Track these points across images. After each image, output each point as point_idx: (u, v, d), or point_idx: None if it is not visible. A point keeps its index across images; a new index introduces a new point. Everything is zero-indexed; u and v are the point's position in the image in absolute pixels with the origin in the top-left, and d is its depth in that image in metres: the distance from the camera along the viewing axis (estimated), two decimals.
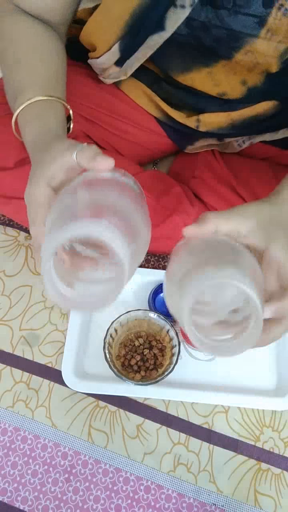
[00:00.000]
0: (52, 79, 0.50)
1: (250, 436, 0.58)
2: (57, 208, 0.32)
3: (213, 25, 0.46)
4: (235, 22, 0.45)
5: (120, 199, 0.32)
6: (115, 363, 0.56)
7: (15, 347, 0.63)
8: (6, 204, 0.59)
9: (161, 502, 0.55)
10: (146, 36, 0.49)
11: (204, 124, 0.62)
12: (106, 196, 0.31)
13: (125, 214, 0.30)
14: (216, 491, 0.55)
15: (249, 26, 0.45)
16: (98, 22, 0.53)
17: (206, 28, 0.47)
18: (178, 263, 0.34)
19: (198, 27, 0.47)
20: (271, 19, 0.43)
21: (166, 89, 0.61)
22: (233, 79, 0.54)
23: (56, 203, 0.33)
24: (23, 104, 0.46)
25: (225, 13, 0.45)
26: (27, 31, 0.51)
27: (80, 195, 0.32)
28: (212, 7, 0.45)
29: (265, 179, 0.68)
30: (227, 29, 0.46)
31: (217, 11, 0.45)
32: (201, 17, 0.46)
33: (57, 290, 0.29)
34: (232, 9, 0.44)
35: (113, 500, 0.55)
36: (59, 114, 0.47)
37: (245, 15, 0.44)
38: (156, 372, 0.57)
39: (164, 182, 0.67)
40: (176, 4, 0.45)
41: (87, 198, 0.31)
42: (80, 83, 0.63)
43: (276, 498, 0.55)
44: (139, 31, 0.49)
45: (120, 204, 0.31)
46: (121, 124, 0.66)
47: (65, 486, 0.55)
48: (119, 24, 0.50)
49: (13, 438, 0.58)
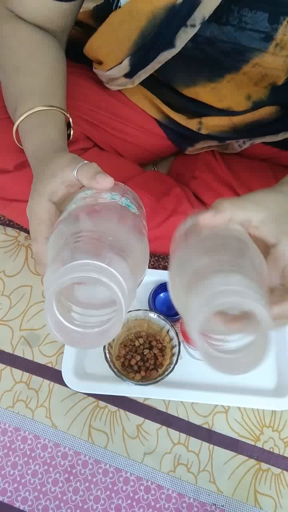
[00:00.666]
0: (51, 87, 0.50)
1: (250, 436, 0.58)
2: (57, 241, 0.31)
3: (219, 40, 0.46)
4: (242, 37, 0.45)
5: (120, 232, 0.31)
6: (115, 363, 0.56)
7: (15, 347, 0.63)
8: (6, 206, 0.59)
9: (161, 502, 0.55)
10: (158, 53, 0.49)
11: (206, 127, 0.63)
12: (106, 229, 0.31)
13: (125, 249, 0.30)
14: (216, 491, 0.55)
15: (256, 41, 0.45)
16: (105, 40, 0.53)
17: (211, 42, 0.47)
18: (183, 261, 0.33)
19: (203, 42, 0.47)
20: (280, 34, 0.44)
21: (168, 95, 0.62)
22: (238, 95, 0.55)
23: (57, 233, 0.32)
24: (23, 115, 0.46)
25: (231, 29, 0.45)
26: (26, 39, 0.51)
27: (80, 227, 0.31)
28: (218, 23, 0.45)
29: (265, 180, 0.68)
30: (234, 44, 0.46)
31: (223, 27, 0.45)
32: (206, 33, 0.46)
33: (60, 327, 0.29)
34: (237, 25, 0.44)
35: (113, 500, 0.55)
36: (59, 123, 0.47)
37: (251, 30, 0.44)
38: (156, 372, 0.57)
39: (164, 183, 0.67)
40: (187, 24, 0.45)
41: (87, 232, 0.30)
42: (81, 85, 0.64)
43: (276, 498, 0.55)
44: (151, 49, 0.49)
45: (120, 238, 0.31)
46: (121, 126, 0.67)
47: (65, 486, 0.55)
48: (128, 42, 0.50)
49: (13, 438, 0.58)
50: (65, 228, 0.32)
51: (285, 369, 0.61)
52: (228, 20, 0.44)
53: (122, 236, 0.31)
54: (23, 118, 0.46)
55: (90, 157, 0.64)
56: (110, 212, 0.33)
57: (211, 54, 0.49)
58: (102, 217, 0.33)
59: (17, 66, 0.50)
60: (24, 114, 0.46)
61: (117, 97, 0.65)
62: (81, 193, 0.36)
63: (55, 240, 0.32)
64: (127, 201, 0.35)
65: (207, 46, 0.48)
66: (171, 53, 0.49)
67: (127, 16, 0.47)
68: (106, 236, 0.30)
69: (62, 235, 0.32)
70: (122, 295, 0.27)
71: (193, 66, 0.53)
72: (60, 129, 0.47)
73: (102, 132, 0.66)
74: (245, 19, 0.44)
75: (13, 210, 0.60)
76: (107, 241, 0.30)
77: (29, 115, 0.46)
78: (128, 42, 0.50)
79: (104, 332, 0.30)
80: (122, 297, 0.27)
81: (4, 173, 0.55)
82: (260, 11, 0.43)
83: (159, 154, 0.74)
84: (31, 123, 0.46)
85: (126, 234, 0.32)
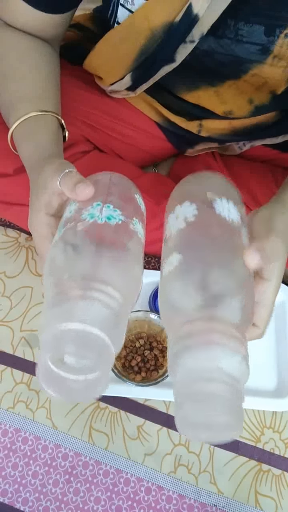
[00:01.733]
0: (42, 90, 0.50)
1: (251, 437, 0.58)
2: (50, 275, 0.31)
3: (217, 52, 0.47)
4: (239, 49, 0.45)
5: (105, 272, 0.30)
6: (116, 364, 0.57)
7: (16, 348, 0.63)
8: (6, 210, 0.59)
9: (162, 503, 0.55)
10: (159, 68, 0.50)
11: (206, 129, 0.63)
12: (89, 274, 0.30)
13: (118, 286, 0.30)
14: (217, 492, 0.55)
15: (253, 54, 0.45)
16: (105, 57, 0.53)
17: (209, 54, 0.47)
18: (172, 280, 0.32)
19: (200, 54, 0.47)
20: (277, 47, 0.44)
21: (167, 98, 0.62)
22: (240, 98, 0.55)
23: (49, 266, 0.32)
24: (14, 123, 0.46)
25: (228, 42, 0.45)
26: (13, 45, 0.51)
27: (66, 269, 0.31)
28: (214, 37, 0.45)
29: (265, 182, 0.68)
30: (232, 55, 0.46)
31: (220, 40, 0.45)
32: (204, 46, 0.46)
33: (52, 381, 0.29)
34: (234, 38, 0.45)
35: (113, 501, 0.55)
36: (51, 127, 0.47)
37: (248, 43, 0.44)
38: (156, 373, 0.57)
39: (164, 185, 0.67)
40: (186, 41, 0.45)
41: (79, 269, 0.30)
42: (80, 88, 0.64)
43: (277, 499, 0.55)
44: (152, 65, 0.50)
45: (111, 275, 0.30)
46: (121, 128, 0.67)
47: (65, 487, 0.55)
48: (128, 60, 0.50)
49: (14, 439, 0.58)
50: (53, 266, 0.32)
51: (285, 370, 0.61)
52: (225, 33, 0.44)
53: (109, 277, 0.30)
54: (14, 127, 0.47)
55: (90, 159, 0.64)
56: (89, 248, 0.32)
57: (210, 65, 0.49)
58: (84, 257, 0.31)
59: (5, 73, 0.50)
60: (15, 123, 0.46)
61: (117, 100, 0.65)
62: (67, 210, 0.36)
63: (49, 272, 0.32)
64: (108, 210, 0.34)
65: (205, 58, 0.48)
66: (172, 66, 0.49)
67: (126, 34, 0.48)
68: (92, 285, 0.29)
69: (52, 271, 0.32)
70: (109, 342, 0.27)
71: (192, 75, 0.53)
72: (53, 134, 0.47)
73: (102, 134, 0.66)
74: (242, 32, 0.44)
75: (14, 213, 0.60)
76: (99, 280, 0.29)
77: (22, 122, 0.46)
78: (129, 60, 0.50)
79: (89, 385, 0.29)
80: (106, 365, 0.27)
81: (4, 177, 0.55)
82: (256, 24, 0.43)
83: (159, 156, 0.74)
84: (23, 130, 0.47)
85: (112, 270, 0.31)
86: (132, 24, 0.46)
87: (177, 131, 0.66)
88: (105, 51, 0.52)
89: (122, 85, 0.55)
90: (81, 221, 0.33)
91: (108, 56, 0.53)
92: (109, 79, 0.55)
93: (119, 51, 0.50)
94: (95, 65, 0.56)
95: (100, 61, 0.55)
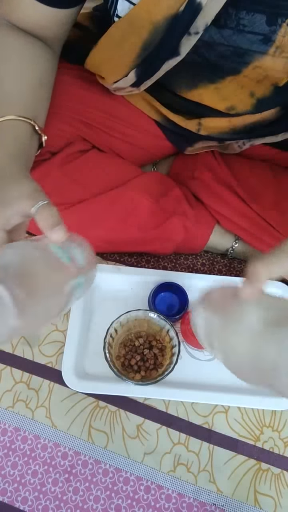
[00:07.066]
0: (17, 92, 0.48)
1: (250, 436, 0.58)
2: None
3: (217, 43, 0.46)
4: (241, 40, 0.45)
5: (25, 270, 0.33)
6: (115, 363, 0.56)
7: (15, 347, 0.63)
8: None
9: (161, 502, 0.55)
10: (163, 62, 0.49)
11: (205, 128, 0.63)
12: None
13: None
14: (216, 491, 0.55)
15: (255, 44, 0.45)
16: (107, 55, 0.53)
17: (210, 46, 0.47)
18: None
19: (201, 46, 0.47)
20: (279, 37, 0.43)
21: (167, 96, 0.62)
22: (242, 92, 0.54)
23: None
24: None
25: (230, 32, 0.45)
26: (3, 46, 0.49)
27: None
28: (216, 26, 0.45)
29: (265, 180, 0.68)
30: (234, 47, 0.46)
31: (222, 31, 0.45)
32: (205, 37, 0.46)
33: None
34: (236, 28, 0.44)
35: (113, 500, 0.55)
36: (20, 135, 0.45)
37: (250, 33, 0.44)
38: (156, 372, 0.57)
39: (164, 184, 0.67)
40: (190, 32, 0.44)
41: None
42: (79, 87, 0.64)
43: (276, 498, 0.55)
44: (156, 59, 0.49)
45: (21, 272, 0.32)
46: (120, 127, 0.67)
47: (65, 486, 0.55)
48: (131, 55, 0.49)
49: (13, 438, 0.58)
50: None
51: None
52: (226, 23, 0.44)
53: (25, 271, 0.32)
54: None
55: (89, 158, 0.64)
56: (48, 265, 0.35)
57: (210, 59, 0.49)
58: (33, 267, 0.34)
59: None
60: None
61: (115, 98, 0.65)
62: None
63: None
64: (63, 252, 0.36)
65: (206, 51, 0.48)
66: (176, 60, 0.49)
67: (128, 29, 0.47)
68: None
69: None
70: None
71: (192, 71, 0.53)
72: (21, 143, 0.45)
73: (100, 133, 0.66)
74: (243, 21, 0.43)
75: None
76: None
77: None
78: (132, 55, 0.49)
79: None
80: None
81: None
82: (258, 13, 0.42)
83: (158, 154, 0.74)
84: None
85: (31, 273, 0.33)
86: (134, 18, 0.45)
87: (176, 130, 0.66)
88: (107, 46, 0.51)
89: (126, 81, 0.54)
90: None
91: (110, 53, 0.52)
92: (113, 77, 0.55)
93: (121, 47, 0.49)
94: (97, 64, 0.55)
95: (102, 58, 0.54)
